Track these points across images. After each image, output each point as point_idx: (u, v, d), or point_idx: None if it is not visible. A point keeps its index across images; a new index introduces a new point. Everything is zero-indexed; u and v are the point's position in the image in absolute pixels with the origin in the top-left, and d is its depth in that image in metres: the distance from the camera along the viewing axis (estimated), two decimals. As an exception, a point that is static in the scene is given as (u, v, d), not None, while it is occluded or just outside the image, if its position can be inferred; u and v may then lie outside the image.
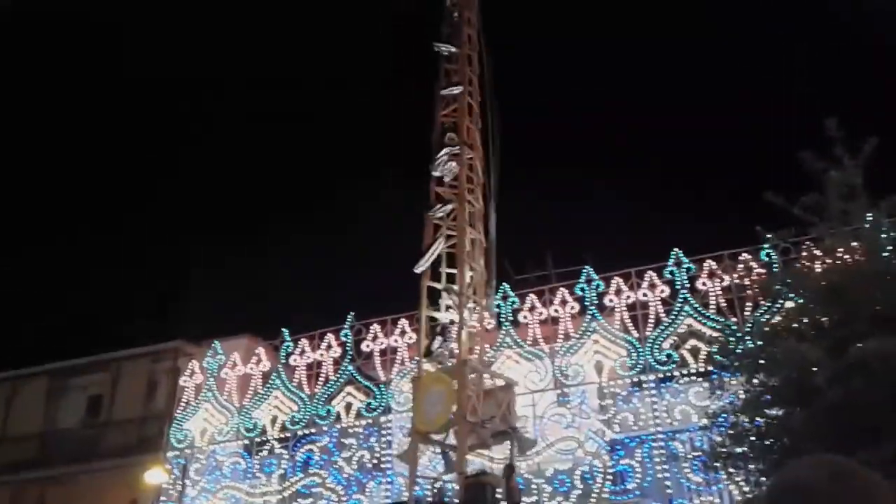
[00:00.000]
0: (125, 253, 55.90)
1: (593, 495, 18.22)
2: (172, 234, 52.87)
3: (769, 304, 15.23)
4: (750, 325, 16.82)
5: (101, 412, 25.12)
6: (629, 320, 19.86)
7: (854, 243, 11.05)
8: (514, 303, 21.01)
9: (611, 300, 20.23)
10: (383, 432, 21.07)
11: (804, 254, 13.53)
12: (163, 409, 24.10)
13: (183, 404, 23.21)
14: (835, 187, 10.78)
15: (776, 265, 16.02)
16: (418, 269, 17.79)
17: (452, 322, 17.51)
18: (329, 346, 22.38)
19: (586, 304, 20.37)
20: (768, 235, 13.09)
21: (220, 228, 54.59)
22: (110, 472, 22.88)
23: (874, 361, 8.73)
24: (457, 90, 19.19)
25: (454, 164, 18.47)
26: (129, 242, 53.52)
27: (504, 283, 20.37)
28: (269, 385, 22.51)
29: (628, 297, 20.07)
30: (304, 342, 22.63)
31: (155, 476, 20.52)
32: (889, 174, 11.94)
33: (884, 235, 10.65)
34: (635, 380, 19.37)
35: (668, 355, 19.04)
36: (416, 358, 20.00)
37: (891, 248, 10.74)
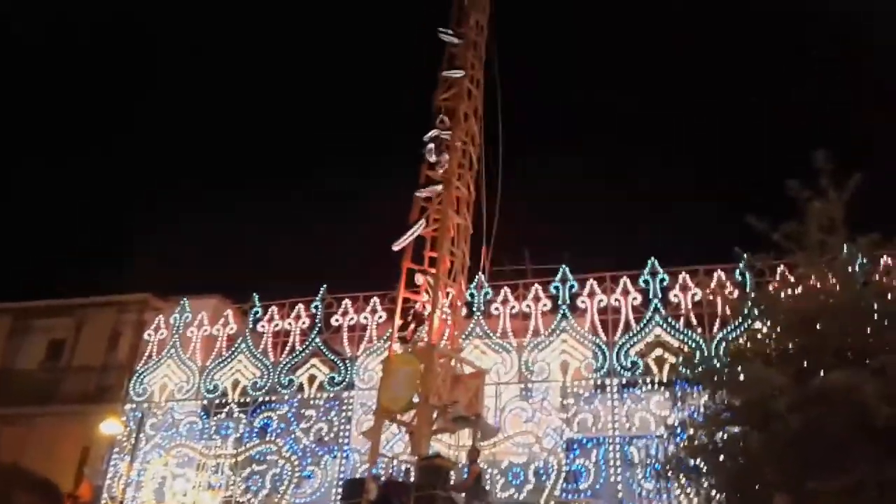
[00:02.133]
0: (101, 200, 55.19)
1: (545, 491, 18.45)
2: (154, 186, 52.27)
3: (738, 324, 15.45)
4: (717, 342, 17.09)
5: (62, 357, 24.87)
6: (599, 323, 20.04)
7: (829, 274, 11.22)
8: (487, 293, 21.11)
9: (583, 301, 20.40)
10: (344, 407, 21.12)
11: (778, 279, 13.74)
12: (124, 360, 23.91)
13: (145, 358, 23.06)
14: (816, 218, 10.92)
15: (749, 286, 16.24)
16: (397, 247, 17.79)
17: (425, 306, 17.58)
18: (298, 317, 22.33)
19: (559, 302, 20.53)
20: (745, 256, 13.24)
21: (203, 185, 54.04)
22: (66, 418, 22.71)
23: (837, 393, 8.90)
24: (457, 74, 19.15)
25: (445, 147, 18.48)
26: (109, 190, 52.87)
27: (479, 274, 20.45)
28: (234, 348, 22.43)
29: (601, 300, 20.25)
30: (273, 309, 22.57)
31: (110, 427, 20.40)
32: (870, 211, 12.15)
33: (858, 270, 10.84)
34: (599, 382, 19.59)
35: (634, 362, 19.27)
36: (386, 337, 20.09)
37: (864, 282, 10.94)
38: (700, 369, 12.53)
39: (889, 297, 10.52)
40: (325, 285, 22.42)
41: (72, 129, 53.41)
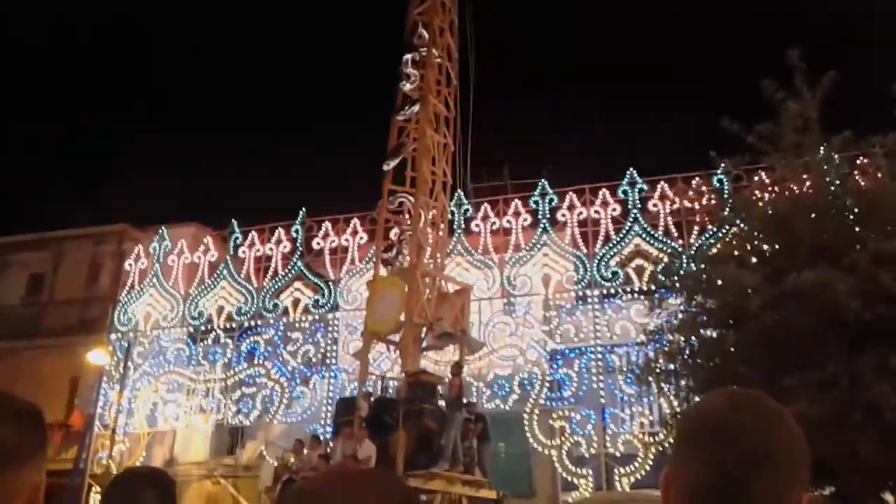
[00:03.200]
0: (76, 132, 54.05)
1: (530, 400, 18.89)
2: (124, 115, 51.17)
3: (715, 230, 15.54)
4: (695, 248, 17.23)
5: (43, 291, 24.77)
6: (579, 236, 20.13)
7: (804, 176, 11.22)
8: (467, 211, 21.07)
9: (563, 215, 20.42)
10: (330, 329, 21.31)
11: (755, 182, 13.75)
12: (106, 291, 23.86)
13: (127, 288, 23.02)
14: (790, 118, 10.84)
15: (727, 192, 16.27)
16: (387, 167, 17.52)
17: (404, 229, 17.49)
18: (279, 241, 22.27)
19: (539, 217, 20.55)
20: (722, 163, 13.20)
21: (173, 114, 52.98)
22: (52, 351, 22.79)
23: (809, 291, 9.02)
24: None
25: (422, 64, 18.04)
26: (84, 122, 51.72)
27: (459, 191, 20.33)
28: (216, 275, 22.41)
29: (580, 212, 20.28)
30: (253, 234, 22.46)
31: (97, 357, 20.49)
32: (844, 110, 12.08)
33: (832, 169, 10.84)
34: (580, 294, 19.81)
35: (614, 273, 19.46)
36: (368, 258, 20.10)
37: (838, 182, 10.96)
38: (677, 275, 12.65)
39: (862, 195, 10.56)
40: (303, 208, 22.30)
41: (48, 59, 51.82)
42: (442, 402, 14.34)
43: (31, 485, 1.35)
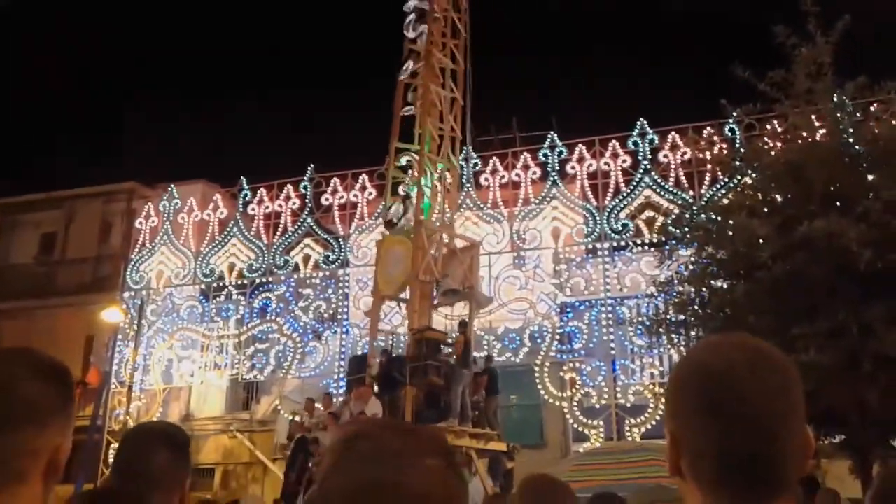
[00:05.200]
0: (84, 91, 53.82)
1: (541, 353, 18.99)
2: (133, 75, 50.85)
3: (726, 180, 15.37)
4: (706, 199, 17.07)
5: (55, 250, 24.94)
6: (589, 188, 19.98)
7: (817, 123, 11.03)
8: (476, 165, 20.93)
9: (573, 167, 20.26)
10: (340, 285, 21.39)
11: (767, 130, 13.53)
12: (117, 249, 24.01)
13: (139, 247, 23.15)
14: (803, 64, 10.61)
15: (738, 141, 16.06)
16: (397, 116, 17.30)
17: (410, 187, 17.36)
18: (288, 197, 22.25)
19: (548, 169, 20.39)
20: (734, 112, 12.97)
21: (181, 71, 52.59)
22: (66, 310, 23.02)
23: (820, 240, 8.93)
24: None
25: (423, 20, 17.70)
26: (91, 82, 51.49)
27: (467, 145, 20.15)
28: (226, 232, 22.48)
29: (590, 165, 20.10)
30: (262, 191, 22.45)
31: (112, 315, 20.71)
32: (859, 56, 11.82)
33: (845, 116, 10.64)
34: (590, 247, 19.76)
35: (625, 225, 19.37)
36: (377, 213, 20.05)
37: (851, 129, 10.76)
38: (688, 226, 12.55)
39: (876, 142, 10.38)
40: (312, 164, 22.22)
41: (54, 20, 51.37)
42: (453, 357, 14.45)
43: (52, 446, 1.28)
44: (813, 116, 10.94)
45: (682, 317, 12.29)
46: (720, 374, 1.18)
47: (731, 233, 10.84)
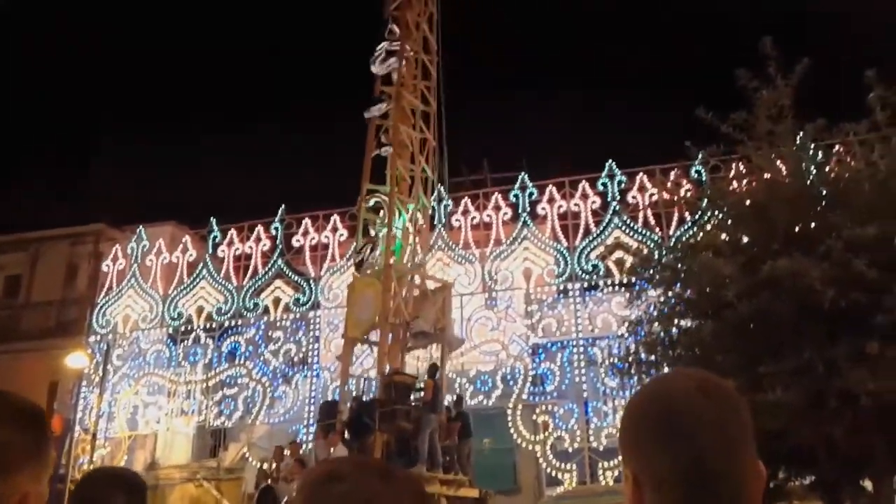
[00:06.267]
0: (51, 132, 53.52)
1: (513, 396, 18.84)
2: (101, 115, 50.68)
3: (694, 221, 15.52)
4: (673, 239, 17.21)
5: (20, 293, 24.47)
6: (560, 229, 20.10)
7: (779, 164, 11.20)
8: (448, 206, 20.98)
9: (543, 208, 20.39)
10: (311, 327, 21.17)
11: (732, 172, 13.72)
12: (83, 292, 23.60)
13: (105, 289, 22.79)
14: (764, 107, 10.81)
15: (704, 182, 16.26)
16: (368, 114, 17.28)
17: (380, 228, 17.33)
18: (259, 239, 22.10)
19: (519, 210, 20.50)
20: (699, 153, 13.14)
21: (149, 112, 52.53)
22: (29, 354, 22.48)
23: (784, 279, 8.99)
24: None
25: (393, 59, 17.85)
26: (58, 121, 51.19)
27: (438, 186, 20.23)
28: (195, 275, 22.22)
29: (560, 206, 20.25)
30: (232, 233, 22.28)
31: (76, 360, 20.24)
32: (818, 98, 12.07)
33: (806, 157, 10.82)
34: (561, 287, 19.78)
35: (595, 265, 19.46)
36: (349, 255, 19.94)
37: (813, 170, 10.94)
38: (655, 266, 12.61)
39: (836, 182, 10.55)
40: (283, 205, 22.14)
41: (21, 61, 51.25)
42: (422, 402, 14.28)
43: (21, 492, 1.20)
44: (775, 157, 11.12)
45: (652, 357, 12.27)
46: (676, 400, 1.20)
47: (697, 272, 10.90)
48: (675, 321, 11.67)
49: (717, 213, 11.92)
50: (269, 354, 21.06)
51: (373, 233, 17.57)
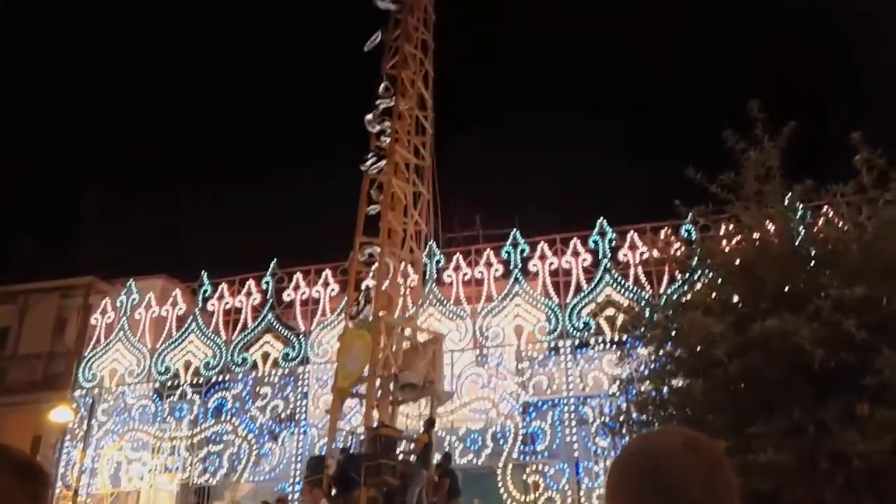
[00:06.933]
0: (41, 183, 53.69)
1: (503, 455, 18.58)
2: (93, 167, 50.96)
3: (684, 279, 15.58)
4: (664, 297, 17.24)
5: (7, 345, 24.23)
6: (551, 285, 20.12)
7: (768, 224, 11.30)
8: (439, 261, 21.02)
9: (535, 265, 20.44)
10: (300, 383, 20.95)
11: (721, 231, 13.82)
12: (71, 346, 23.40)
13: (93, 343, 22.59)
14: (752, 168, 10.95)
15: (694, 240, 16.36)
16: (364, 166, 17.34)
17: (371, 281, 17.34)
18: (249, 293, 22.03)
19: (511, 267, 20.54)
20: (688, 212, 13.25)
21: (145, 168, 52.89)
22: (14, 408, 22.17)
23: (774, 338, 8.97)
24: (377, 38, 18.70)
25: (389, 116, 18.12)
26: (49, 173, 51.40)
27: (431, 241, 20.31)
28: (184, 329, 22.07)
29: (552, 262, 20.31)
30: (223, 286, 22.22)
31: (61, 414, 19.93)
32: (805, 159, 12.24)
33: (794, 218, 10.93)
34: (552, 345, 19.70)
35: (586, 323, 19.41)
36: (340, 310, 19.88)
37: (801, 230, 11.03)
38: (646, 325, 12.58)
39: (824, 243, 10.62)
40: (275, 259, 22.14)
41: (12, 110, 51.72)
42: (412, 456, 14.08)
43: None
44: (763, 217, 11.21)
45: (643, 416, 12.16)
46: (663, 456, 1.20)
47: (687, 330, 10.88)
48: (666, 380, 11.59)
49: (706, 271, 11.96)
50: (255, 410, 20.79)
51: (365, 285, 17.57)
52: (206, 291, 22.31)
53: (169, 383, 21.68)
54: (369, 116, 17.77)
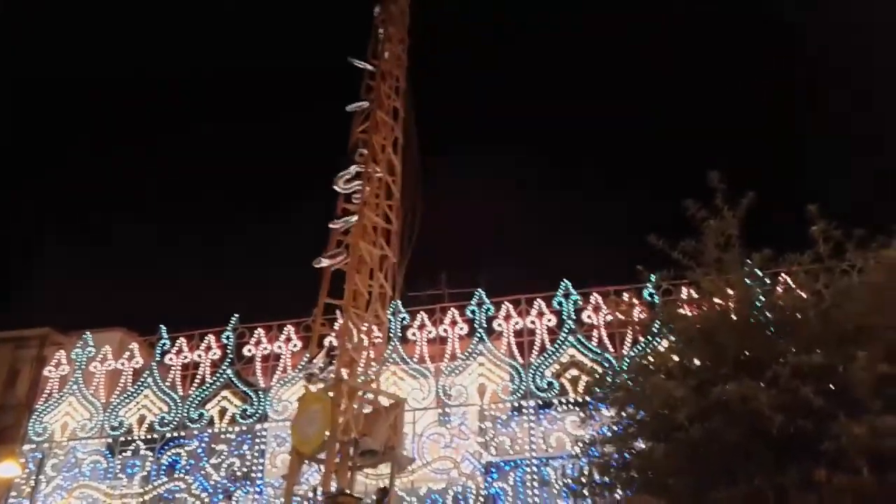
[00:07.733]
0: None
1: (464, 516, 18.30)
2: (52, 219, 50.19)
3: (646, 342, 15.78)
4: (627, 360, 17.40)
5: (-44, 397, 23.46)
6: (515, 345, 20.18)
7: (728, 290, 11.57)
8: (404, 319, 20.98)
9: (499, 325, 20.51)
10: (257, 440, 20.53)
11: (682, 296, 14.10)
12: (23, 398, 22.75)
13: (45, 395, 21.97)
14: (712, 236, 11.29)
15: (656, 304, 16.62)
16: (318, 265, 17.31)
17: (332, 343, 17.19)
18: (209, 348, 21.68)
19: (475, 326, 20.58)
20: (651, 277, 13.52)
21: (104, 216, 52.28)
22: (-41, 462, 21.28)
23: (734, 403, 9.14)
24: (364, 104, 18.91)
25: (359, 180, 18.21)
26: (3, 221, 50.51)
27: (395, 300, 20.26)
28: (140, 383, 21.59)
29: (517, 322, 20.41)
30: (182, 341, 21.85)
31: (7, 469, 19.22)
32: (763, 229, 12.63)
33: (753, 285, 11.22)
34: (516, 404, 19.66)
35: (550, 383, 19.46)
36: (300, 366, 19.62)
37: (761, 297, 11.31)
38: (609, 386, 12.69)
39: (783, 310, 10.90)
40: (236, 315, 21.87)
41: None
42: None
43: None
44: (723, 284, 11.49)
45: (605, 478, 12.17)
46: None
47: (649, 394, 10.99)
48: (629, 442, 11.66)
49: (668, 335, 12.16)
50: (210, 468, 20.27)
51: (326, 345, 17.39)
52: (164, 345, 21.92)
53: (122, 438, 21.08)
54: (339, 179, 17.84)
